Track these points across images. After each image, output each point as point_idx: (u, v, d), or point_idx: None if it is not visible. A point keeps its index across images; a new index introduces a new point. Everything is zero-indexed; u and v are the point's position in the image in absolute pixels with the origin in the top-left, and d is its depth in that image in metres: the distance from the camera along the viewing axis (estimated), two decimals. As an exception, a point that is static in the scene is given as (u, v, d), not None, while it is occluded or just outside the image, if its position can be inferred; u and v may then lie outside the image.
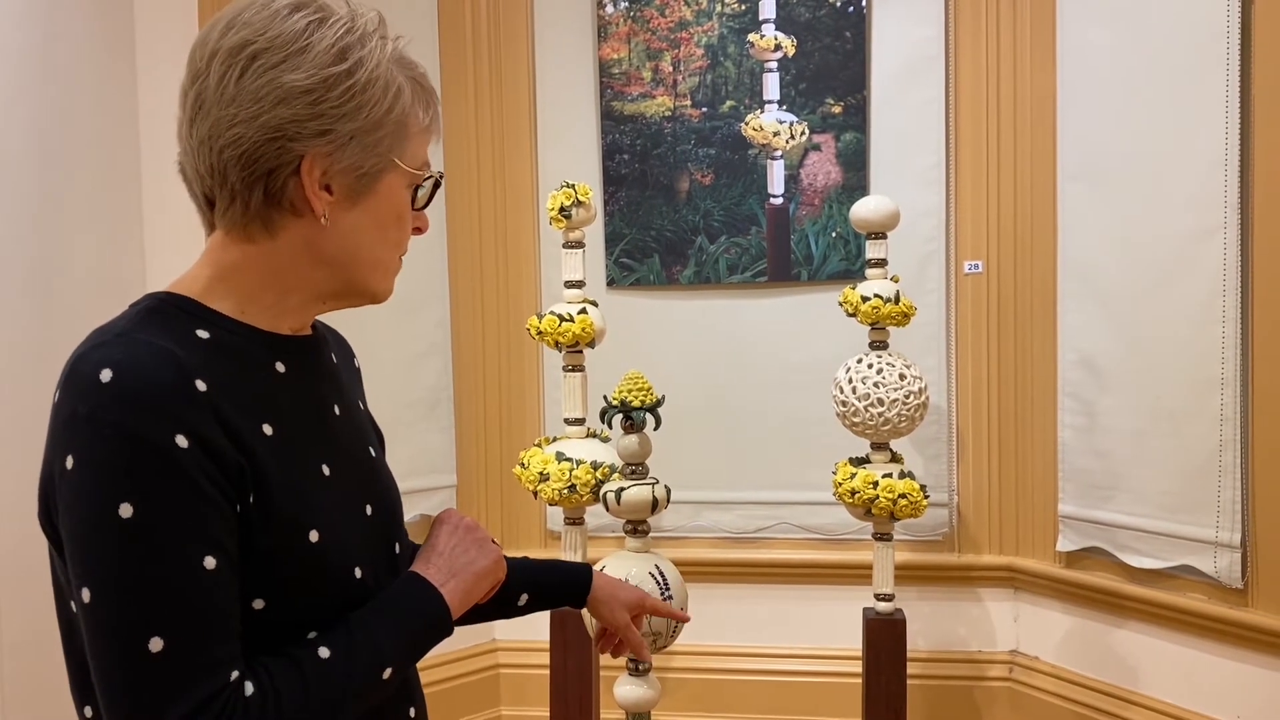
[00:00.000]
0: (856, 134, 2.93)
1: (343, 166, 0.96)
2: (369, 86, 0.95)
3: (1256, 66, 2.32)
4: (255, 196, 0.95)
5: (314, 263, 0.99)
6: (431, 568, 1.04)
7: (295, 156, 0.94)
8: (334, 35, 0.94)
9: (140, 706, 0.83)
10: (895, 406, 2.26)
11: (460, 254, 3.11)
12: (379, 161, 0.98)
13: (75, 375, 0.87)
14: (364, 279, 1.02)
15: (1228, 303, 2.38)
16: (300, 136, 0.93)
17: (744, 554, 3.08)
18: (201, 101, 0.94)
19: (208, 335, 0.94)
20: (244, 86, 0.92)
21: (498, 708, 3.16)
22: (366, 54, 0.96)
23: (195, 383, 0.88)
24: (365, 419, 1.15)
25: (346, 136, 0.95)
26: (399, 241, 1.05)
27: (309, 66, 0.93)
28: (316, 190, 0.95)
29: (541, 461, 2.22)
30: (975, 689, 2.98)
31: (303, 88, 0.92)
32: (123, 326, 0.92)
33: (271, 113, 0.92)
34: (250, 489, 0.90)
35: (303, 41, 0.93)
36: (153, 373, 0.86)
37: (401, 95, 0.99)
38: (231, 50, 0.93)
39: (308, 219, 0.97)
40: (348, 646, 0.93)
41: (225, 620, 0.88)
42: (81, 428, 0.85)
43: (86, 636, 0.86)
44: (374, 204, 0.99)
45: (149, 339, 0.89)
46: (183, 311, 0.95)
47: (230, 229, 0.97)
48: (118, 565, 0.84)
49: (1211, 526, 2.43)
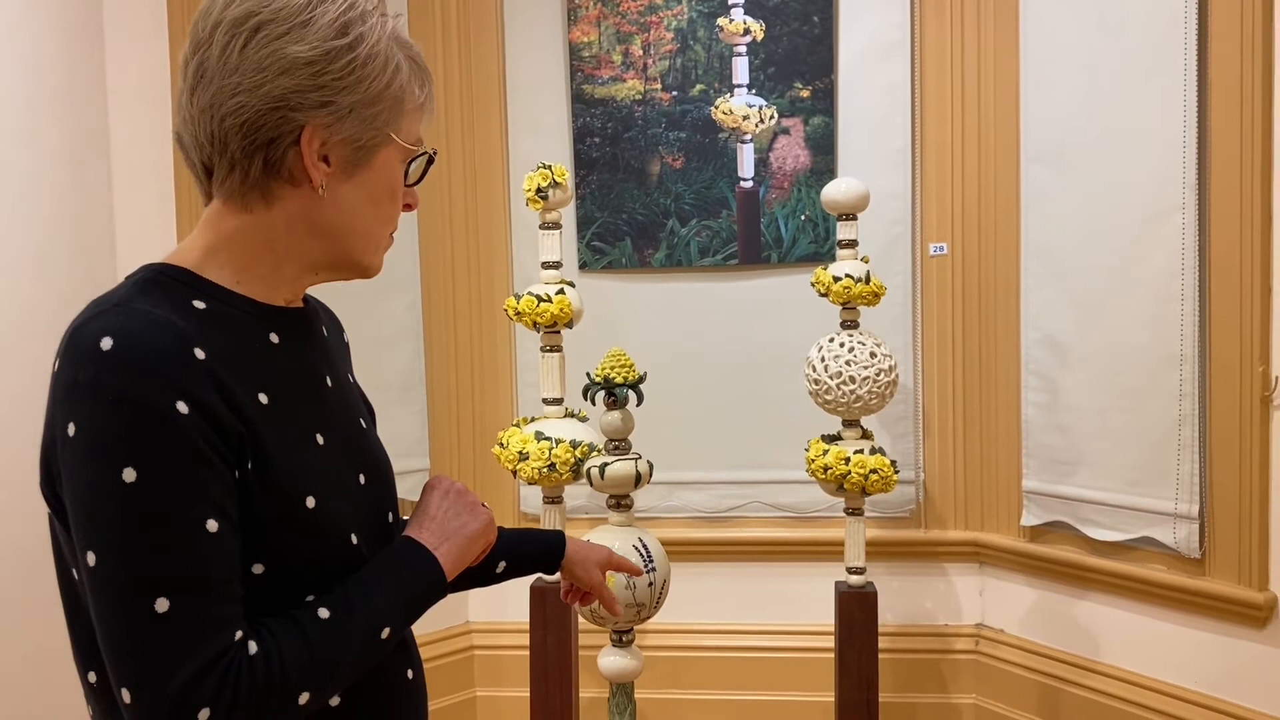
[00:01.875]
0: (825, 118, 2.97)
1: (341, 138, 0.98)
2: (369, 61, 0.97)
3: (1213, 51, 2.38)
4: (255, 166, 0.96)
5: (309, 233, 1.01)
6: (425, 532, 1.06)
7: (296, 127, 0.96)
8: (336, 10, 0.96)
9: (148, 666, 0.85)
10: (866, 384, 2.30)
11: (431, 237, 3.11)
12: (376, 135, 1.00)
13: (75, 344, 0.89)
14: (356, 251, 1.05)
15: (1186, 282, 2.45)
16: (302, 107, 0.95)
17: (717, 533, 3.12)
18: (204, 70, 0.95)
19: (204, 306, 0.96)
20: (247, 56, 0.94)
21: (472, 689, 3.18)
22: (368, 29, 0.98)
23: (194, 351, 0.89)
24: (355, 391, 1.17)
25: (346, 109, 0.97)
26: (391, 216, 1.07)
27: (312, 39, 0.95)
28: (315, 161, 0.97)
29: (521, 441, 2.24)
30: (942, 662, 3.04)
31: (306, 59, 0.94)
32: (121, 296, 0.93)
33: (274, 82, 0.94)
34: (248, 455, 0.92)
35: (306, 15, 0.95)
36: (152, 340, 0.88)
37: (400, 72, 1.01)
38: (236, 20, 0.95)
39: (305, 190, 0.99)
40: (347, 608, 0.96)
41: (228, 582, 0.89)
42: (83, 395, 0.87)
43: (91, 599, 0.88)
44: (369, 177, 1.02)
45: (148, 308, 0.91)
46: (179, 282, 0.97)
47: (228, 198, 0.99)
48: (122, 528, 0.86)
49: (1170, 499, 2.51)
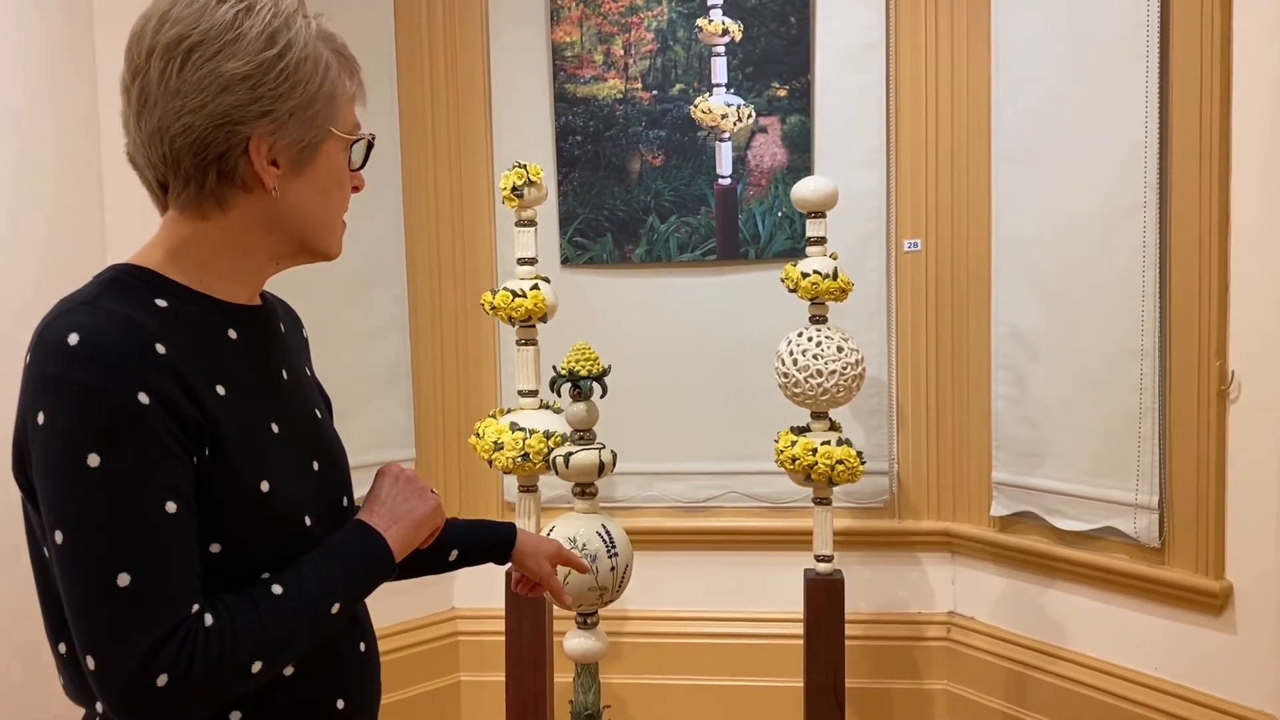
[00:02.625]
0: (801, 117, 3.03)
1: (286, 142, 1.04)
2: (300, 66, 1.03)
3: (1174, 56, 2.44)
4: (209, 178, 1.02)
5: (267, 230, 1.07)
6: (375, 515, 1.13)
7: (243, 138, 1.01)
8: (262, 22, 1.02)
9: (111, 636, 0.91)
10: (833, 377, 2.37)
11: (417, 232, 3.18)
12: (317, 133, 1.06)
13: (44, 340, 0.95)
14: (315, 239, 1.11)
15: (1147, 278, 2.52)
16: (245, 120, 1.01)
17: (694, 522, 3.19)
18: (146, 96, 1.01)
19: (166, 304, 1.02)
20: (186, 78, 0.99)
21: (457, 674, 3.26)
22: (294, 35, 1.03)
23: (155, 346, 0.96)
24: (312, 384, 1.24)
25: (286, 114, 1.03)
26: (341, 202, 1.13)
27: (244, 54, 1.00)
28: (265, 166, 1.03)
29: (496, 431, 2.31)
30: (915, 649, 3.12)
31: (241, 74, 1.00)
32: (87, 295, 1.00)
33: (216, 101, 1.00)
34: (206, 443, 0.99)
35: (234, 31, 1.00)
36: (116, 337, 0.94)
37: (330, 69, 1.07)
38: (169, 45, 1.00)
39: (258, 193, 1.05)
40: (299, 584, 1.02)
41: (186, 559, 0.96)
42: (51, 387, 0.93)
43: (60, 574, 0.94)
44: (316, 171, 1.08)
45: (111, 307, 0.97)
46: (142, 282, 1.03)
47: (184, 209, 1.05)
48: (87, 509, 0.92)
49: (1131, 490, 2.57)
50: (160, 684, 0.91)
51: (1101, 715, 2.68)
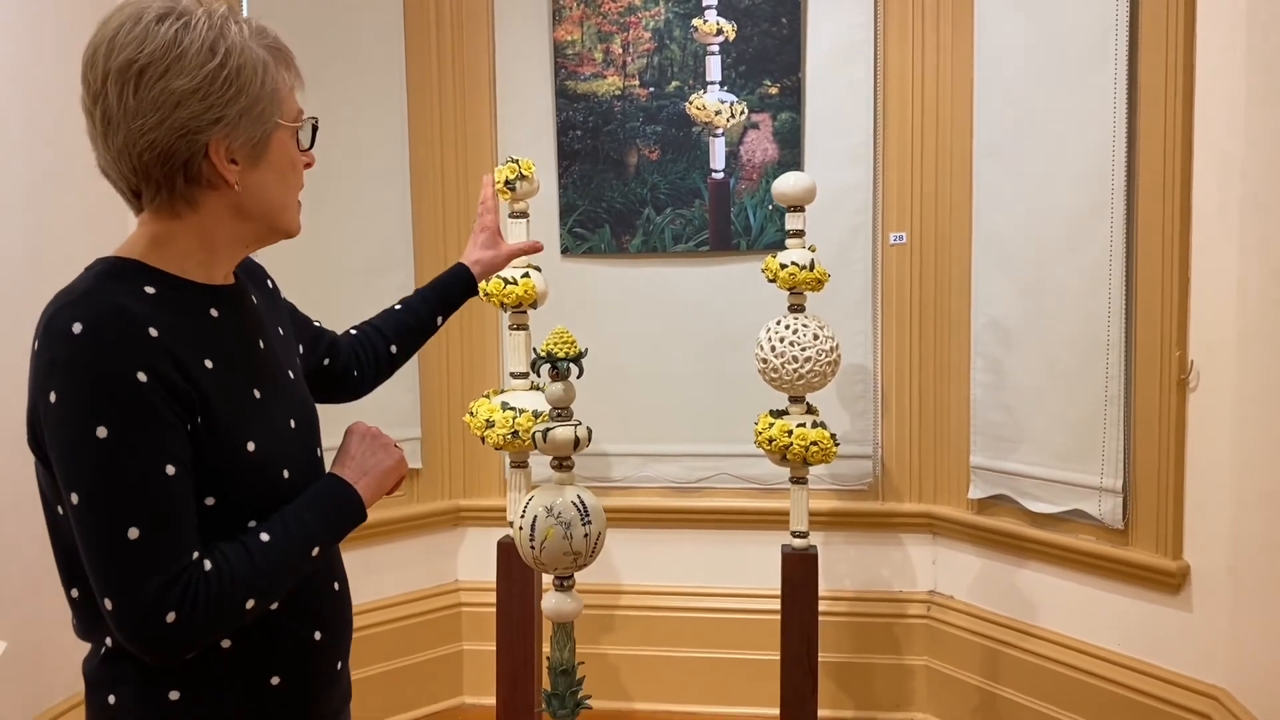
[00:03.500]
0: (792, 114, 3.16)
1: (240, 141, 1.17)
2: (242, 70, 1.15)
3: (1142, 60, 2.55)
4: (177, 183, 1.15)
5: (235, 219, 1.21)
6: (346, 469, 1.28)
7: (202, 144, 1.14)
8: (200, 35, 1.13)
9: (124, 581, 1.07)
10: (809, 364, 2.50)
11: (424, 222, 3.33)
12: (266, 126, 1.19)
13: (51, 329, 1.09)
14: (278, 221, 1.25)
15: (1114, 272, 2.63)
16: (202, 128, 1.13)
17: (686, 502, 3.34)
18: (109, 118, 1.13)
19: (154, 291, 1.16)
20: (142, 99, 1.11)
21: (459, 643, 3.42)
22: (231, 43, 1.14)
23: (149, 330, 1.10)
24: (286, 344, 1.37)
25: (236, 116, 1.15)
26: (296, 183, 1.27)
27: (189, 70, 1.12)
28: (225, 165, 1.16)
29: (488, 410, 2.46)
30: (896, 626, 3.25)
31: (191, 88, 1.12)
32: (85, 287, 1.13)
33: (173, 115, 1.12)
34: (198, 411, 1.13)
35: (177, 49, 1.11)
36: (114, 324, 1.08)
37: (268, 68, 1.18)
38: (120, 70, 1.11)
39: (222, 189, 1.18)
40: (283, 531, 1.18)
41: (185, 514, 1.11)
42: (60, 370, 1.07)
43: (77, 531, 1.09)
44: (271, 160, 1.21)
45: (108, 297, 1.11)
46: (131, 273, 1.16)
47: (159, 211, 1.18)
48: (98, 474, 1.07)
49: (1097, 474, 2.69)
50: (169, 620, 1.07)
51: (1069, 690, 2.80)
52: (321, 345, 1.54)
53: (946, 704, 3.16)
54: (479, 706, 3.37)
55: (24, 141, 2.37)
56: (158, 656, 1.09)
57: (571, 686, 1.98)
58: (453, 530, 3.44)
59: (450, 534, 3.43)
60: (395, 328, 1.67)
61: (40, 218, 2.43)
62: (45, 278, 2.44)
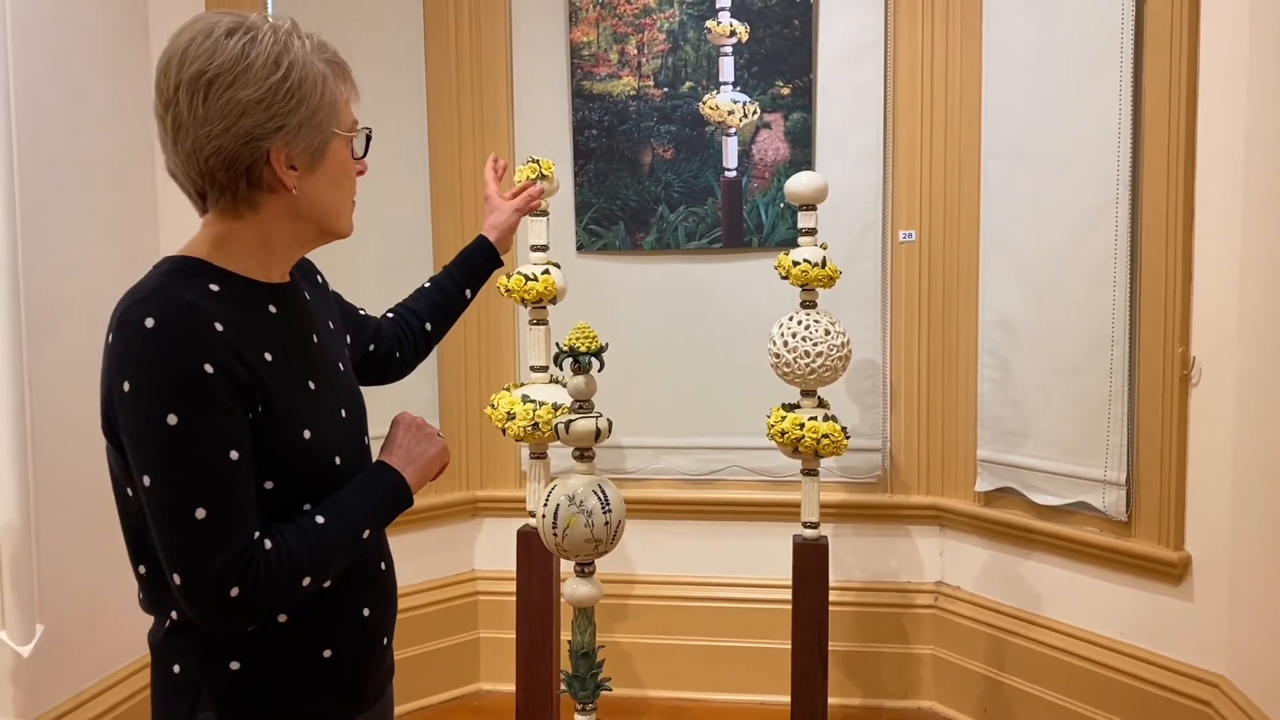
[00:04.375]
0: (803, 114, 3.22)
1: (300, 148, 1.25)
2: (303, 83, 1.23)
3: (1147, 62, 2.61)
4: (240, 186, 1.23)
5: (293, 221, 1.29)
6: (394, 457, 1.37)
7: (264, 151, 1.22)
8: (265, 49, 1.21)
9: (192, 558, 1.15)
10: (820, 358, 2.57)
11: (443, 220, 3.40)
12: (324, 135, 1.27)
13: (125, 323, 1.17)
14: (332, 223, 1.33)
15: (1119, 269, 2.69)
16: (264, 136, 1.21)
17: (699, 494, 3.41)
18: (179, 124, 1.21)
19: (217, 288, 1.24)
20: (210, 107, 1.19)
21: (476, 630, 3.50)
22: (294, 57, 1.22)
23: (214, 325, 1.18)
24: (337, 338, 1.45)
25: (297, 125, 1.23)
26: (350, 189, 1.35)
27: (255, 81, 1.20)
28: (285, 170, 1.24)
29: (509, 403, 2.54)
30: (904, 616, 3.31)
31: (255, 99, 1.20)
32: (155, 285, 1.21)
33: (238, 123, 1.20)
34: (259, 401, 1.21)
35: (244, 62, 1.19)
36: (183, 319, 1.16)
37: (327, 81, 1.26)
38: (191, 80, 1.19)
39: (281, 193, 1.26)
40: (336, 514, 1.26)
41: (247, 496, 1.19)
42: (133, 362, 1.15)
43: (149, 511, 1.17)
44: (327, 168, 1.29)
45: (177, 294, 1.19)
46: (196, 271, 1.24)
47: (223, 212, 1.26)
48: (169, 459, 1.15)
49: (1101, 467, 2.76)
50: (233, 595, 1.15)
51: (1073, 678, 2.87)
52: (367, 331, 1.62)
53: (953, 692, 3.23)
54: (496, 693, 3.45)
55: (68, 148, 2.46)
56: (221, 628, 1.17)
57: (592, 669, 2.05)
58: (470, 520, 3.51)
59: (468, 524, 3.51)
60: (428, 306, 1.77)
61: (85, 219, 2.51)
62: (75, 274, 2.52)
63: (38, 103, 2.37)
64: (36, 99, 2.36)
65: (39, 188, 2.36)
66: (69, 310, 2.47)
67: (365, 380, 1.57)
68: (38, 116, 2.37)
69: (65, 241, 2.46)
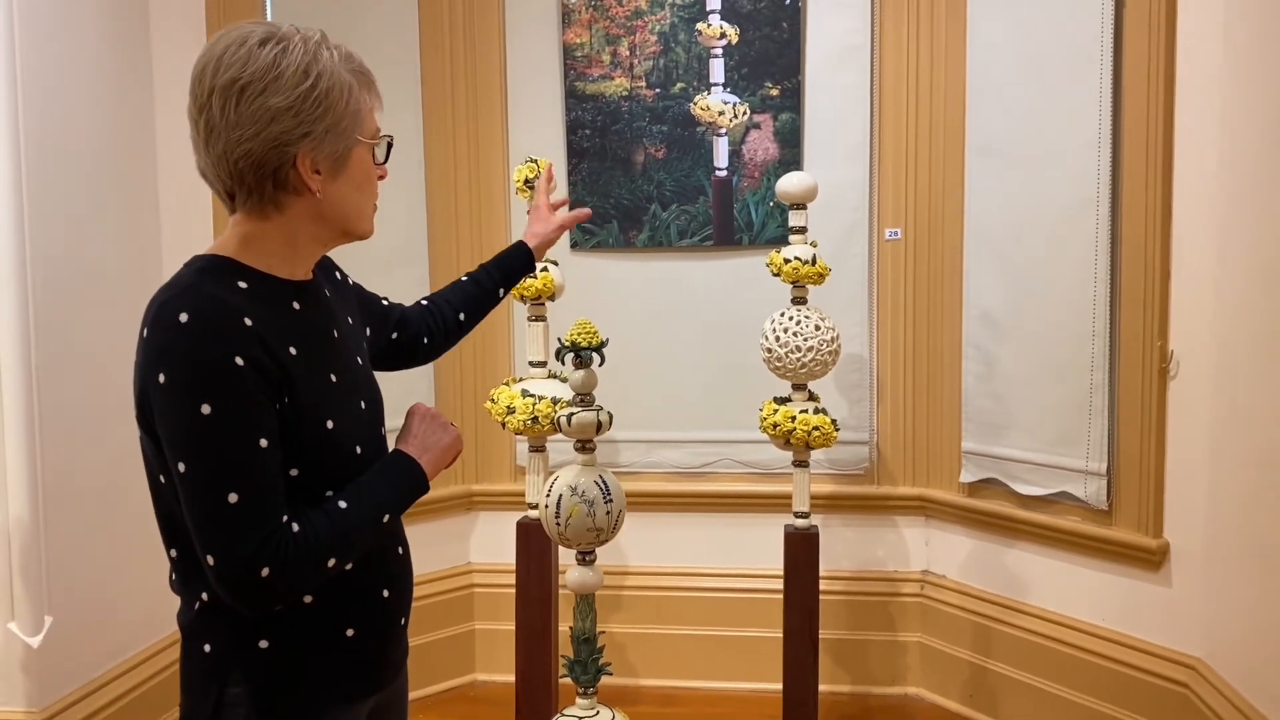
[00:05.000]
0: (792, 114, 3.29)
1: (325, 154, 1.31)
2: (330, 92, 1.29)
3: (1126, 63, 2.69)
4: (267, 188, 1.30)
5: (316, 223, 1.35)
6: (410, 446, 1.43)
7: (291, 156, 1.28)
8: (296, 60, 1.27)
9: (225, 539, 1.21)
10: (811, 353, 2.64)
11: (438, 218, 3.45)
12: (348, 141, 1.33)
13: (160, 318, 1.23)
14: (353, 225, 1.39)
15: (1099, 266, 2.77)
16: (292, 141, 1.28)
17: (691, 486, 3.48)
18: (212, 127, 1.27)
19: (246, 286, 1.30)
20: (242, 113, 1.25)
21: (471, 622, 3.56)
22: (323, 67, 1.29)
23: (244, 320, 1.24)
24: (356, 331, 1.51)
25: (323, 132, 1.30)
26: (371, 193, 1.42)
27: (285, 89, 1.26)
28: (310, 175, 1.31)
29: (509, 397, 2.60)
30: (891, 604, 3.39)
31: (285, 106, 1.26)
32: (188, 282, 1.27)
33: (267, 129, 1.26)
34: (285, 393, 1.28)
35: (275, 70, 1.26)
36: (215, 315, 1.23)
37: (353, 90, 1.33)
38: (225, 86, 1.26)
39: (306, 195, 1.32)
40: (357, 500, 1.32)
41: (276, 482, 1.25)
42: (169, 355, 1.22)
43: (183, 496, 1.23)
44: (350, 173, 1.35)
45: (209, 291, 1.25)
46: (226, 270, 1.31)
47: (250, 212, 1.33)
48: (203, 446, 1.21)
49: (1083, 458, 2.84)
50: (264, 575, 1.21)
51: (1056, 663, 2.96)
52: (391, 321, 1.68)
53: (939, 678, 3.31)
54: (491, 683, 3.51)
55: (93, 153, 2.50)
56: (252, 606, 1.24)
57: (593, 654, 2.12)
58: (465, 514, 3.57)
59: (463, 518, 3.57)
60: (463, 298, 1.86)
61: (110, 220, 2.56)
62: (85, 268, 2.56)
63: (42, 99, 2.41)
64: (41, 96, 2.41)
65: (45, 186, 2.41)
66: (77, 308, 2.52)
67: (392, 365, 1.66)
68: (44, 113, 2.41)
69: (72, 239, 2.51)
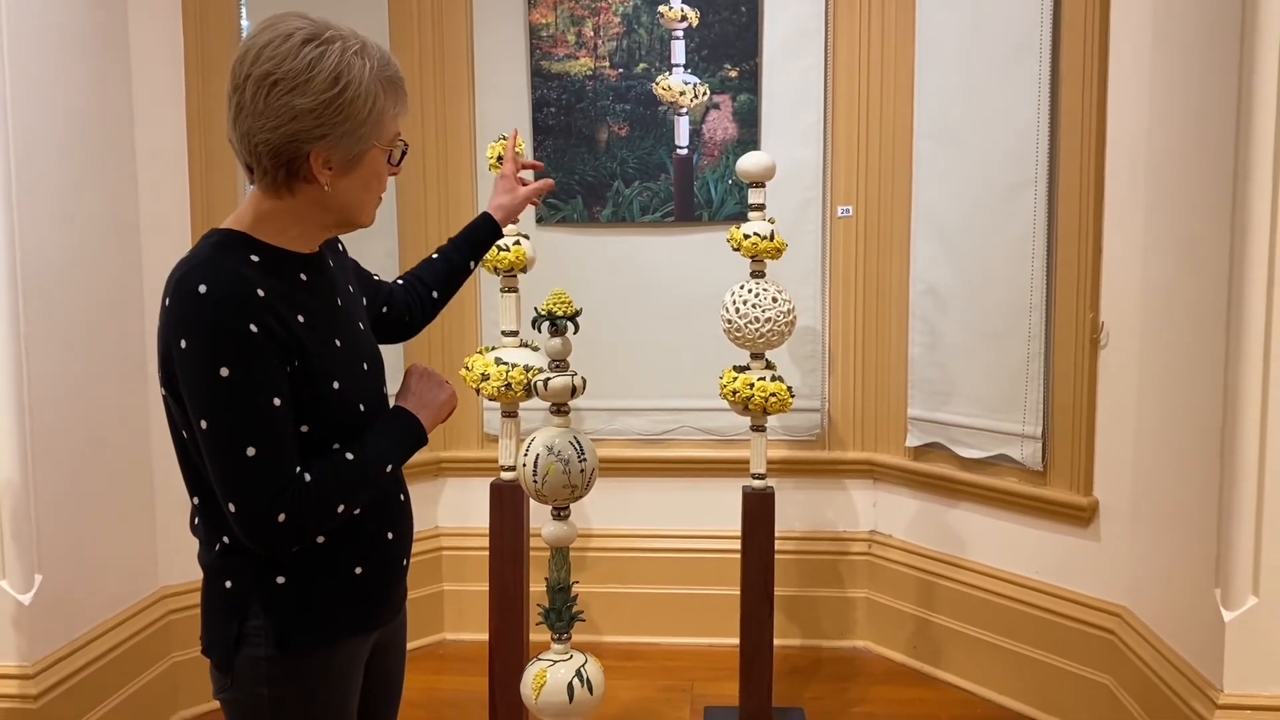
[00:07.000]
0: (750, 95, 3.44)
1: (338, 154, 1.41)
2: (354, 101, 1.38)
3: (1064, 51, 2.87)
4: (280, 173, 1.40)
5: (322, 210, 1.46)
6: (409, 402, 1.57)
7: (305, 151, 1.38)
8: (330, 65, 1.36)
9: (245, 489, 1.34)
10: (769, 324, 2.80)
11: (407, 194, 3.55)
12: (363, 146, 1.43)
13: (181, 288, 1.34)
14: (354, 217, 1.50)
15: (1036, 243, 2.96)
16: (308, 139, 1.38)
17: (653, 452, 3.63)
18: (241, 108, 1.38)
19: (258, 259, 1.41)
20: (269, 104, 1.35)
21: (440, 584, 3.69)
22: (353, 76, 1.38)
23: (257, 291, 1.35)
24: (356, 300, 1.63)
25: (340, 135, 1.39)
26: (379, 190, 1.52)
27: (313, 92, 1.35)
28: (321, 170, 1.41)
29: (483, 365, 2.72)
30: (840, 562, 3.58)
31: (308, 108, 1.36)
32: (206, 255, 1.38)
33: (288, 125, 1.36)
34: (296, 356, 1.40)
35: (308, 74, 1.35)
36: (231, 285, 1.34)
37: (378, 99, 1.42)
38: (260, 77, 1.35)
39: (316, 186, 1.42)
40: (363, 452, 1.45)
41: (289, 438, 1.38)
42: (189, 324, 1.33)
43: (205, 450, 1.35)
44: (361, 172, 1.45)
45: (224, 263, 1.37)
46: (240, 244, 1.42)
47: (265, 190, 1.43)
48: (222, 405, 1.33)
49: (1019, 422, 3.04)
50: (280, 520, 1.34)
51: (994, 614, 3.16)
52: (381, 295, 1.80)
53: (885, 631, 3.51)
54: (459, 642, 3.65)
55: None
56: (271, 548, 1.36)
57: (567, 602, 2.27)
58: (434, 480, 3.69)
59: (431, 484, 3.69)
60: (434, 275, 1.93)
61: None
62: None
63: (28, 85, 2.48)
64: (26, 81, 2.48)
65: (31, 166, 2.48)
66: (63, 278, 2.60)
67: (381, 339, 1.75)
68: (30, 99, 2.48)
69: (58, 213, 2.59)
